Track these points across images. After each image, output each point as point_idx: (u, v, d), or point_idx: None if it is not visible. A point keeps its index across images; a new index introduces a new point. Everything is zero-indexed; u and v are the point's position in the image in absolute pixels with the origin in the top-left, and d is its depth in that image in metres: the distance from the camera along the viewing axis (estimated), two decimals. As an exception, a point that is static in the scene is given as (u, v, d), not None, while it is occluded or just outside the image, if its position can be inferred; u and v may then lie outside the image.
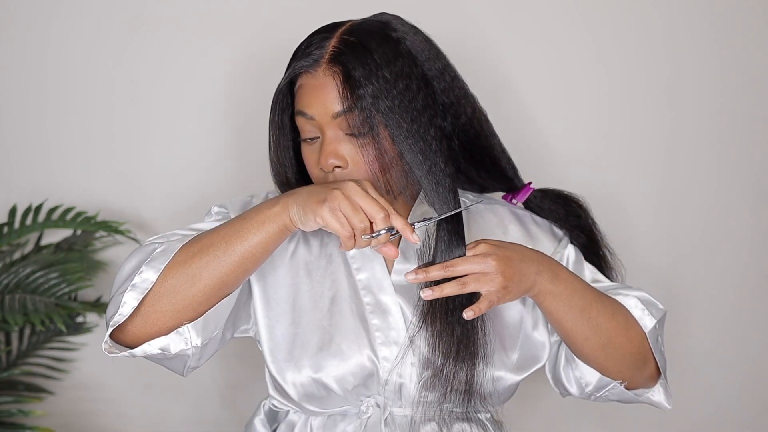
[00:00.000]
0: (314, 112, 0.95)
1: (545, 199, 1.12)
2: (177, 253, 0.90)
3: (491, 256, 0.91)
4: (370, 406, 1.00)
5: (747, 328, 1.62)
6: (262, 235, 0.89)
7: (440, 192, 0.95)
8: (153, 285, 0.89)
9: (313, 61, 0.95)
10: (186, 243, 0.91)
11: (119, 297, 0.90)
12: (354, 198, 0.85)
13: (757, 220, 1.60)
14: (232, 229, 0.90)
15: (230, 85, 1.51)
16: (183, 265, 0.89)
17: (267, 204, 0.90)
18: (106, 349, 0.91)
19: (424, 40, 1.00)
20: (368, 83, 0.92)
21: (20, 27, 1.50)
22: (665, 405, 1.08)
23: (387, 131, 0.93)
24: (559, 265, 0.98)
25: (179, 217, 1.54)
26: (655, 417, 1.59)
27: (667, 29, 1.54)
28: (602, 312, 0.99)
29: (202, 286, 0.89)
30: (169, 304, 0.90)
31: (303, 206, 0.87)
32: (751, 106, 1.57)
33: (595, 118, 1.55)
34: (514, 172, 1.11)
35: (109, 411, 1.58)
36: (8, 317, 1.32)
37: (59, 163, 1.54)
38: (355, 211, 0.85)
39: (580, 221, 1.12)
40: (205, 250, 0.89)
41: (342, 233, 0.85)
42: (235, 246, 0.89)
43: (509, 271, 0.91)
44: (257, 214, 0.89)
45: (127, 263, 0.93)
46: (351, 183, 0.87)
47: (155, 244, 0.93)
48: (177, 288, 0.89)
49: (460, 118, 1.02)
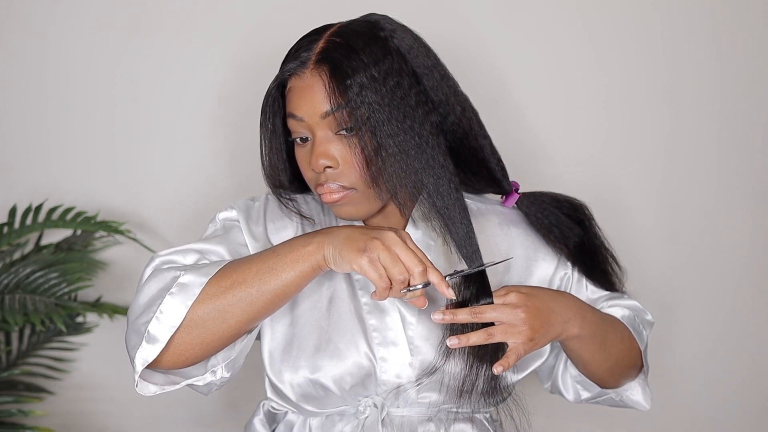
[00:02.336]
0: (303, 113, 0.96)
1: (533, 205, 1.09)
2: (207, 287, 0.89)
3: (521, 308, 0.92)
4: (368, 406, 1.00)
5: (747, 328, 1.62)
6: (296, 273, 0.88)
7: (441, 189, 0.95)
8: (182, 320, 0.88)
9: (300, 63, 0.96)
10: (216, 275, 0.89)
11: (142, 327, 0.89)
12: (394, 249, 0.85)
13: (757, 221, 1.60)
14: (265, 266, 0.89)
15: (230, 86, 1.51)
16: (213, 299, 0.88)
17: (301, 241, 0.89)
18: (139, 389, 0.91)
19: (413, 37, 1.00)
20: (354, 79, 0.92)
21: (20, 27, 1.50)
22: (644, 405, 1.11)
23: (377, 128, 0.93)
24: (586, 308, 0.99)
25: (179, 217, 1.54)
26: (654, 416, 1.59)
27: (666, 30, 1.54)
28: (615, 341, 1.03)
29: (233, 323, 0.89)
30: (199, 338, 0.89)
31: (340, 250, 0.86)
32: (750, 106, 1.57)
33: (594, 118, 1.55)
34: (503, 175, 1.08)
35: (109, 411, 1.58)
36: (8, 317, 1.32)
37: (59, 163, 1.54)
38: (394, 263, 0.85)
39: (583, 229, 1.09)
40: (237, 287, 0.88)
41: (380, 285, 0.85)
42: (269, 284, 0.88)
43: (537, 322, 0.92)
44: (290, 251, 0.89)
45: (146, 288, 0.91)
46: (391, 233, 0.86)
47: (175, 270, 0.91)
48: (207, 323, 0.89)
49: (449, 117, 1.01)
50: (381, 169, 0.94)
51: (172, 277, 0.90)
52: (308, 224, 1.07)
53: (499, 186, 1.09)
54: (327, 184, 0.97)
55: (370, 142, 0.93)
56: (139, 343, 0.88)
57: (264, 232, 1.04)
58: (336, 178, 0.97)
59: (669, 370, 1.58)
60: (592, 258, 1.09)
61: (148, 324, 0.88)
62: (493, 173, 1.07)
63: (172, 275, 0.90)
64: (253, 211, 1.06)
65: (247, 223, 1.04)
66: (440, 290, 0.87)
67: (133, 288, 1.54)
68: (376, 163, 0.94)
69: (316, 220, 1.07)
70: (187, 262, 0.96)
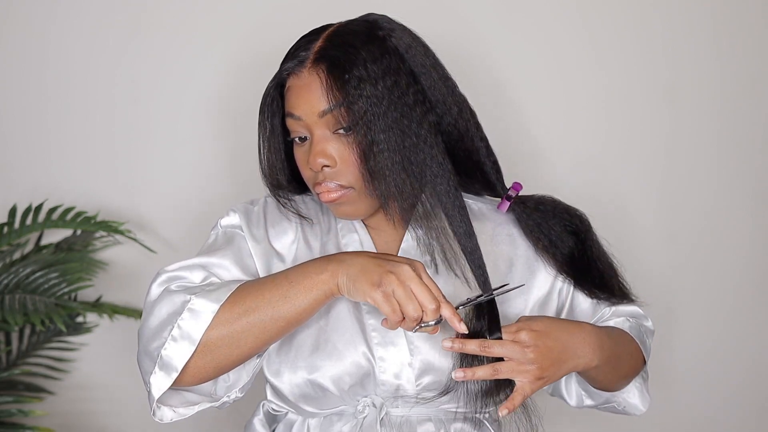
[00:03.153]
0: (301, 112, 0.96)
1: (525, 212, 1.07)
2: (219, 313, 0.89)
3: (531, 347, 0.91)
4: (367, 406, 1.00)
5: (747, 328, 1.62)
6: (309, 301, 0.89)
7: (440, 188, 0.95)
8: (196, 347, 0.89)
9: (298, 62, 0.96)
10: (228, 301, 0.89)
11: (155, 352, 0.89)
12: (408, 284, 0.85)
13: (757, 221, 1.60)
14: (278, 293, 0.89)
15: (230, 86, 1.51)
16: (226, 325, 0.89)
17: (314, 268, 0.89)
18: (156, 417, 0.92)
19: (411, 37, 1.00)
20: (353, 73, 0.92)
21: (20, 27, 1.50)
22: (640, 408, 1.11)
23: (373, 122, 0.93)
24: (603, 335, 0.99)
25: (179, 217, 1.54)
26: (655, 417, 1.59)
27: (666, 30, 1.54)
28: (627, 359, 1.04)
29: (246, 348, 0.90)
30: (213, 362, 0.90)
31: (354, 281, 0.87)
32: (750, 106, 1.57)
33: (594, 118, 1.55)
34: (497, 178, 1.07)
35: (109, 411, 1.58)
36: (8, 317, 1.32)
37: (59, 163, 1.54)
38: (409, 300, 0.85)
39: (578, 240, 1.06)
40: (250, 314, 0.89)
41: (393, 319, 0.86)
42: (281, 311, 0.89)
43: (547, 362, 0.92)
44: (304, 278, 0.89)
45: (156, 311, 0.91)
46: (406, 267, 0.86)
47: (184, 294, 0.91)
48: (220, 348, 0.89)
49: (445, 118, 1.01)
50: (375, 166, 0.94)
51: (182, 302, 0.90)
52: (307, 224, 1.07)
53: (493, 189, 1.08)
54: (325, 183, 0.97)
55: (365, 138, 0.93)
56: (152, 369, 0.89)
57: (265, 235, 1.04)
58: (334, 177, 0.97)
59: (669, 370, 1.58)
60: (587, 270, 1.07)
61: (160, 350, 0.89)
62: (487, 176, 1.06)
63: (182, 299, 0.90)
64: (252, 215, 1.06)
65: (248, 227, 1.04)
66: (452, 325, 0.87)
67: (133, 288, 1.55)
68: (372, 159, 0.93)
69: (314, 221, 1.07)
70: (194, 279, 0.96)
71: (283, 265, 1.03)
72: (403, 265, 0.86)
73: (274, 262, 1.03)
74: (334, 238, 1.05)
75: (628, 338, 1.06)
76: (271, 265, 1.03)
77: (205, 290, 0.91)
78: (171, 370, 0.89)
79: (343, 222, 1.06)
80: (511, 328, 0.93)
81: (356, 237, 1.05)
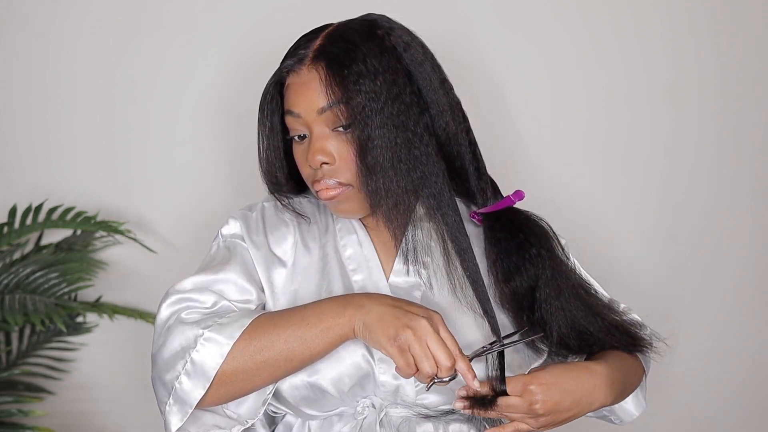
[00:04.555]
0: (300, 109, 0.96)
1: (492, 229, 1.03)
2: (234, 350, 0.90)
3: (539, 402, 0.92)
4: (366, 407, 1.00)
5: (747, 328, 1.62)
6: (324, 344, 0.90)
7: (434, 188, 0.96)
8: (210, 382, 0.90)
9: (298, 60, 0.97)
10: (242, 338, 0.90)
11: (169, 384, 0.91)
12: (426, 340, 0.85)
13: (756, 221, 1.60)
14: (294, 335, 0.90)
15: (230, 85, 1.51)
16: (241, 362, 0.90)
17: (331, 310, 0.90)
18: None
19: (410, 36, 1.00)
20: (352, 69, 0.93)
21: (20, 27, 1.50)
22: (633, 413, 1.10)
23: (370, 117, 0.93)
24: (615, 370, 0.98)
25: (179, 217, 1.54)
26: (655, 417, 1.59)
27: (666, 30, 1.54)
28: (633, 382, 1.04)
29: (260, 383, 0.92)
30: (226, 393, 0.92)
31: (371, 331, 0.87)
32: (750, 106, 1.57)
33: (594, 118, 1.55)
34: (478, 185, 1.04)
35: (109, 411, 1.58)
36: (8, 317, 1.32)
37: (59, 163, 1.54)
38: (425, 357, 0.85)
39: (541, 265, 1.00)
40: (265, 352, 0.90)
41: (406, 372, 0.87)
42: (296, 352, 0.90)
43: (557, 415, 0.93)
44: (321, 320, 0.90)
45: (169, 342, 0.92)
46: (424, 322, 0.86)
47: (197, 327, 0.91)
48: (234, 383, 0.91)
49: (437, 119, 1.00)
50: (371, 162, 0.93)
51: (194, 336, 0.91)
52: (305, 227, 1.07)
53: (472, 198, 1.06)
54: (324, 181, 0.98)
55: (362, 134, 0.93)
56: (167, 400, 0.91)
57: (265, 240, 1.04)
58: (333, 175, 0.97)
59: (669, 370, 1.58)
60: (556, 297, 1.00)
61: (174, 382, 0.90)
62: (467, 183, 1.04)
63: (194, 333, 0.91)
64: (251, 221, 1.06)
65: (248, 234, 1.04)
66: (466, 380, 0.88)
67: (133, 288, 1.55)
68: (368, 155, 0.93)
69: (312, 220, 1.08)
70: (205, 302, 0.96)
71: (285, 269, 1.03)
72: (421, 319, 0.86)
73: (276, 267, 1.03)
74: (333, 239, 1.05)
75: (634, 362, 1.05)
76: (272, 270, 1.02)
77: (217, 323, 0.92)
78: (185, 405, 0.90)
79: (341, 223, 1.06)
80: (519, 382, 0.92)
81: (355, 238, 1.05)
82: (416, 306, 0.90)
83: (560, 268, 1.01)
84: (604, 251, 1.55)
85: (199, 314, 0.94)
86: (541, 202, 1.17)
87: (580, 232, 1.48)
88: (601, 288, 1.13)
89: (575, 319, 0.99)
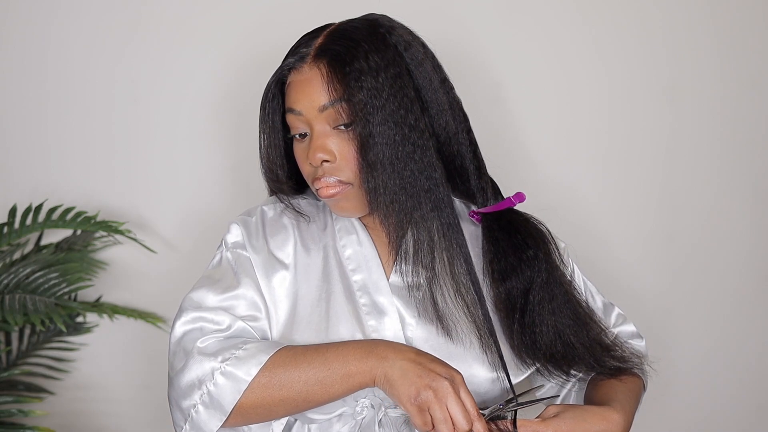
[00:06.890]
0: (301, 107, 0.96)
1: (491, 229, 1.03)
2: (252, 385, 0.90)
3: None
4: (365, 407, 1.00)
5: (747, 328, 1.62)
6: (343, 390, 0.91)
7: (432, 188, 0.96)
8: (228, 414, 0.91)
9: (299, 58, 0.97)
10: (260, 374, 0.90)
11: (185, 411, 0.92)
12: (445, 402, 0.86)
13: (756, 221, 1.60)
14: (314, 378, 0.91)
15: (230, 86, 1.51)
16: (258, 396, 0.91)
17: (355, 357, 0.91)
18: None
19: (411, 35, 1.00)
20: (353, 66, 0.93)
21: (20, 27, 1.50)
22: None
23: (372, 114, 0.92)
24: (627, 409, 0.97)
25: (179, 217, 1.54)
26: (655, 417, 1.59)
27: (667, 29, 1.54)
28: (637, 403, 1.03)
29: (276, 416, 0.94)
30: (244, 422, 0.93)
31: (391, 385, 0.88)
32: (751, 106, 1.57)
33: (595, 118, 1.55)
34: (478, 185, 1.04)
35: (109, 411, 1.58)
36: (8, 317, 1.32)
37: (59, 163, 1.54)
38: (444, 420, 0.86)
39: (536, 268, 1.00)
40: (283, 390, 0.91)
41: (423, 430, 0.88)
42: (314, 395, 0.91)
43: None
44: (341, 366, 0.91)
45: (186, 371, 0.92)
46: (446, 384, 0.87)
47: (215, 362, 0.91)
48: (251, 415, 0.92)
49: (437, 119, 1.00)
50: (372, 159, 0.93)
51: (212, 369, 0.91)
52: (304, 228, 1.07)
53: (472, 198, 1.06)
54: (324, 179, 0.98)
55: (364, 131, 0.93)
56: (183, 425, 0.93)
57: (265, 245, 1.04)
58: (333, 173, 0.97)
59: (669, 370, 1.58)
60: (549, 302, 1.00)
61: (191, 410, 0.91)
62: (467, 182, 1.04)
63: (211, 366, 0.91)
64: (251, 226, 1.06)
65: (249, 239, 1.04)
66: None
67: (133, 288, 1.55)
68: (369, 152, 0.93)
69: (311, 220, 1.08)
70: (220, 323, 0.96)
71: (287, 272, 1.03)
72: (443, 380, 0.87)
73: (277, 270, 1.02)
74: (332, 240, 1.05)
75: (638, 389, 1.05)
76: (272, 275, 1.02)
77: (234, 356, 0.92)
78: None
79: (341, 223, 1.06)
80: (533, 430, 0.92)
81: (355, 237, 1.05)
82: (439, 364, 0.90)
83: (555, 273, 1.02)
84: (604, 252, 1.55)
85: (215, 340, 0.94)
86: (540, 201, 1.17)
87: (580, 233, 1.48)
88: (598, 293, 1.14)
89: (563, 326, 1.00)
